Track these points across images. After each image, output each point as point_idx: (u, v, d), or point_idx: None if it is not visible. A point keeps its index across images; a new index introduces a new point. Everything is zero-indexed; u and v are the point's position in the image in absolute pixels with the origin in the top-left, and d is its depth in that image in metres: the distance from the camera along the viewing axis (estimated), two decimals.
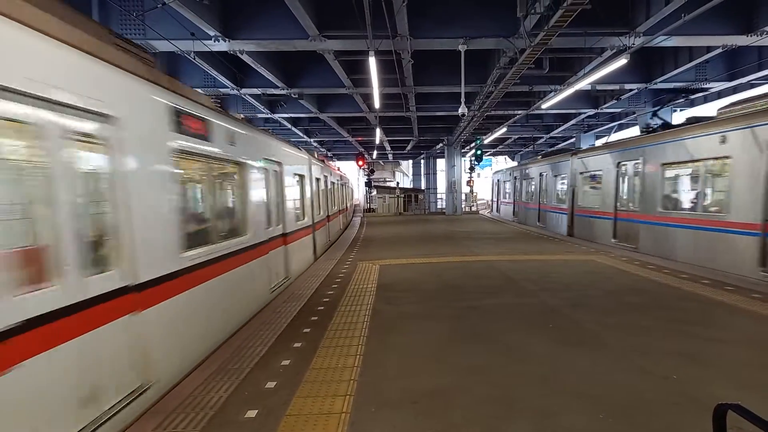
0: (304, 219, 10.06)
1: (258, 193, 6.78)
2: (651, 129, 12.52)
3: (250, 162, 6.48)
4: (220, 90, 15.33)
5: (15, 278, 2.56)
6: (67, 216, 2.92)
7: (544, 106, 16.71)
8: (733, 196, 8.27)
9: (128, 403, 3.36)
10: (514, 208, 23.65)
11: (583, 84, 12.81)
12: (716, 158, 8.83)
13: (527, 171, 21.44)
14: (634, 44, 10.51)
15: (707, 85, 15.50)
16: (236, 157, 5.99)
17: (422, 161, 40.53)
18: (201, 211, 5.38)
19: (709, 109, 19.40)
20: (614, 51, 11.40)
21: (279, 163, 8.12)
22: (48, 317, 2.72)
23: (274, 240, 7.51)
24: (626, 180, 12.27)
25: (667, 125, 12.23)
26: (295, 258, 8.84)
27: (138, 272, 3.61)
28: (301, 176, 10.20)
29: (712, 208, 9.04)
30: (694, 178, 9.65)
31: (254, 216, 6.52)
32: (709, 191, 9.21)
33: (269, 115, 19.67)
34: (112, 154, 3.44)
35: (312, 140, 27.72)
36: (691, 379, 3.76)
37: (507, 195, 25.46)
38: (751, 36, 10.47)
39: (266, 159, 7.35)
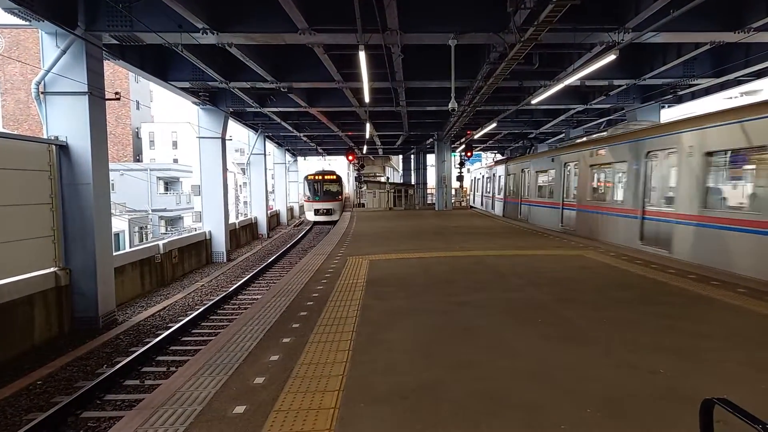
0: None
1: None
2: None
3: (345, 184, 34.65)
4: (209, 83, 15.11)
5: None
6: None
7: (533, 102, 16.72)
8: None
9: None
10: (481, 199, 35.30)
11: (573, 80, 12.84)
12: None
13: (480, 175, 34.92)
14: (623, 40, 10.54)
15: (695, 82, 15.62)
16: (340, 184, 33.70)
17: (412, 156, 40.35)
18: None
19: (697, 106, 19.57)
20: (603, 47, 11.42)
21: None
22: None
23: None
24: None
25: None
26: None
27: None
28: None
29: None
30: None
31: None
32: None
33: (259, 110, 19.47)
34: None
35: (301, 135, 27.54)
36: (679, 373, 3.80)
37: (477, 189, 37.65)
38: (738, 33, 10.52)
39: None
